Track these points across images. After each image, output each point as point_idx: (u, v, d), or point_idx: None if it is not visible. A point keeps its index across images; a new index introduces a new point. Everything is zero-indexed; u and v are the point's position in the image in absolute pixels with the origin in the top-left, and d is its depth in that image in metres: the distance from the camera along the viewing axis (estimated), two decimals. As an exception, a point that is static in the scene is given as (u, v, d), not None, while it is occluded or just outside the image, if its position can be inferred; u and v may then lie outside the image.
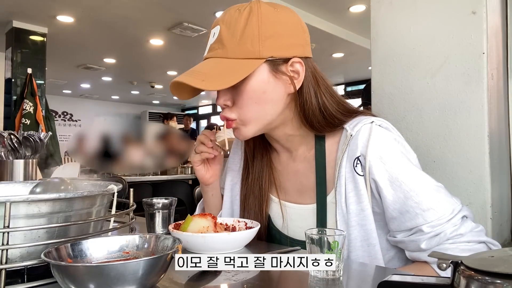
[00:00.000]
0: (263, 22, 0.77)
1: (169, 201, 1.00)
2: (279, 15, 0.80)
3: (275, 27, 0.79)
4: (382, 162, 0.79)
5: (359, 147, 0.80)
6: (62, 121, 10.33)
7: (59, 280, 0.53)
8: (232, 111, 0.82)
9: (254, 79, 0.78)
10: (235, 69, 0.76)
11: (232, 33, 0.78)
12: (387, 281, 0.49)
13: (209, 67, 0.79)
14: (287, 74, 0.80)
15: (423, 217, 0.76)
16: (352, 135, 0.82)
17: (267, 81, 0.79)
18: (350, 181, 0.81)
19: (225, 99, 0.82)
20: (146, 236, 0.67)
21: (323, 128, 0.85)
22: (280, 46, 0.79)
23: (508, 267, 0.40)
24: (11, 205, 0.58)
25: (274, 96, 0.81)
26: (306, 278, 0.66)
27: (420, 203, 0.77)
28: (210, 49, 0.82)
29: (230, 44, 0.78)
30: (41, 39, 5.01)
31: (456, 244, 0.76)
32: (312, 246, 0.65)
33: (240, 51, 0.77)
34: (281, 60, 0.80)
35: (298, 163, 0.93)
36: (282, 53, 0.79)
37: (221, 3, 4.26)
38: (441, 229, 0.76)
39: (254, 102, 0.80)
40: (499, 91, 1.14)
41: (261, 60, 0.77)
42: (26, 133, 1.22)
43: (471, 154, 1.07)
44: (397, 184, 0.78)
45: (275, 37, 0.78)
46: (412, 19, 1.20)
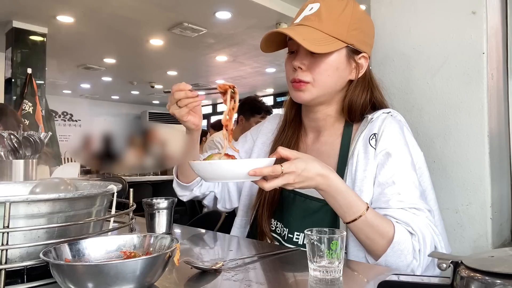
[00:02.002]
0: (355, 16, 0.94)
1: (169, 201, 1.00)
2: (366, 18, 0.99)
3: (362, 24, 0.96)
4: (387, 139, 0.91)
5: (376, 127, 0.94)
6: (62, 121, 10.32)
7: (58, 280, 0.53)
8: (305, 74, 0.94)
9: (335, 55, 0.93)
10: (327, 41, 0.90)
11: (331, 13, 0.93)
12: (387, 281, 0.49)
13: (307, 32, 0.91)
14: (356, 62, 0.97)
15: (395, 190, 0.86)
16: (372, 118, 0.96)
17: (342, 61, 0.95)
18: (362, 152, 0.93)
19: (302, 62, 0.94)
20: (144, 235, 0.67)
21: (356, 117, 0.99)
22: (360, 40, 0.96)
23: (508, 267, 0.40)
24: (11, 205, 0.58)
25: (341, 74, 0.96)
26: (306, 278, 0.66)
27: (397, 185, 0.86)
28: (306, 19, 0.94)
29: (327, 21, 0.92)
30: (41, 39, 5.00)
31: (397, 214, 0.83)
32: (312, 246, 0.65)
33: (333, 29, 0.92)
34: (356, 50, 0.96)
35: (322, 145, 1.03)
36: (360, 46, 0.96)
37: (221, 3, 4.26)
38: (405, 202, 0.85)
39: (327, 73, 0.94)
40: (499, 91, 1.14)
41: (345, 43, 0.93)
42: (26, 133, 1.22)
43: (471, 154, 1.07)
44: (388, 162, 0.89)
45: (359, 30, 0.95)
46: (412, 19, 1.20)
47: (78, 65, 6.91)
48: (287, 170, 0.75)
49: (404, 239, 0.79)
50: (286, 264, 0.79)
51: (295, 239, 0.95)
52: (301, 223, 0.95)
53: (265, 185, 0.76)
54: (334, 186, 0.79)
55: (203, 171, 0.78)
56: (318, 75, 0.93)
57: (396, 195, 0.85)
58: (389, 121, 0.94)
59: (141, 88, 9.17)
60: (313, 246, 0.64)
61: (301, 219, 0.95)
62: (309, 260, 0.66)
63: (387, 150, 0.90)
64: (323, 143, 1.02)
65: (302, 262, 0.70)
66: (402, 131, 0.94)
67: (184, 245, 0.95)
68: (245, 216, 1.11)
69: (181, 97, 0.91)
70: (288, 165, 0.76)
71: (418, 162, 0.94)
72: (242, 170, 0.75)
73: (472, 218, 1.07)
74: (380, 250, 0.80)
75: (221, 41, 5.40)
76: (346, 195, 0.80)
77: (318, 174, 0.78)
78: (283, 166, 0.75)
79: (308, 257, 0.66)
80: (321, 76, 0.93)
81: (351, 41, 0.93)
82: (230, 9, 4.42)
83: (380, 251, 0.80)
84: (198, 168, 0.78)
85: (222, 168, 0.76)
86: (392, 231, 0.80)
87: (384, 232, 0.80)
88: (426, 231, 0.81)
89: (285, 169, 0.75)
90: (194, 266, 0.69)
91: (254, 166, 0.74)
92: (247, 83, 8.37)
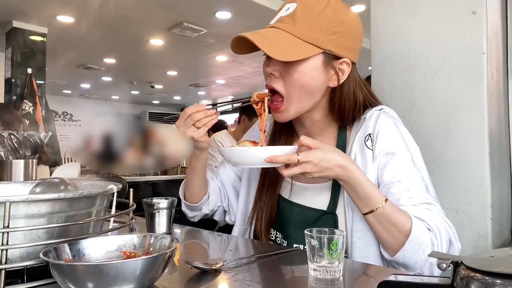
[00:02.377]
0: (335, 18, 0.86)
1: (169, 201, 1.00)
2: (349, 17, 0.90)
3: (343, 27, 0.88)
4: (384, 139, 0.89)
5: (371, 126, 0.91)
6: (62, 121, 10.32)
7: (58, 280, 0.53)
8: (278, 82, 0.89)
9: (308, 63, 0.86)
10: (298, 48, 0.84)
11: (306, 15, 0.86)
12: (387, 281, 0.49)
13: (276, 36, 0.86)
14: (335, 69, 0.89)
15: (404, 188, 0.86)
16: (365, 118, 0.93)
17: (317, 69, 0.88)
18: (359, 155, 0.91)
19: (274, 69, 0.89)
20: (144, 235, 0.67)
21: (349, 120, 0.95)
22: (340, 45, 0.88)
23: (508, 267, 0.40)
24: (11, 205, 0.58)
25: (318, 83, 0.89)
26: (306, 278, 0.66)
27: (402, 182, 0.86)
28: (280, 20, 0.89)
29: (302, 24, 0.85)
30: (41, 39, 5.00)
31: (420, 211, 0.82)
32: (312, 246, 0.65)
33: (307, 34, 0.85)
34: (335, 56, 0.88)
35: None
36: (339, 51, 0.88)
37: (221, 3, 4.26)
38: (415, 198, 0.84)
39: (300, 83, 0.87)
40: (499, 91, 1.14)
41: (320, 49, 0.86)
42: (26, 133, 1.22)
43: (471, 154, 1.07)
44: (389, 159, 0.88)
45: (339, 34, 0.87)
46: (412, 19, 1.20)
47: (78, 65, 6.91)
48: (303, 159, 0.76)
49: (422, 233, 0.78)
50: (286, 264, 0.79)
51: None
52: (300, 234, 0.92)
53: (284, 172, 0.78)
54: (354, 177, 0.79)
55: (228, 157, 0.84)
56: (290, 84, 0.88)
57: (405, 192, 0.84)
58: (382, 119, 0.92)
59: (141, 88, 9.17)
60: (313, 246, 0.64)
61: (299, 230, 0.93)
62: (309, 260, 0.66)
63: (386, 151, 0.88)
64: None
65: (302, 262, 0.70)
66: (397, 127, 0.92)
67: (184, 245, 0.95)
68: (243, 224, 1.09)
69: (201, 117, 0.90)
70: (305, 154, 0.76)
71: (416, 157, 0.92)
72: (260, 156, 0.78)
73: (472, 218, 1.07)
74: (398, 243, 0.79)
75: (221, 41, 5.40)
76: (365, 186, 0.80)
77: (337, 165, 0.78)
78: (299, 155, 0.76)
79: (308, 257, 0.66)
80: (293, 86, 0.88)
81: (328, 46, 0.86)
82: (230, 9, 4.42)
83: (398, 245, 0.79)
84: (224, 154, 0.84)
85: (244, 155, 0.81)
86: (409, 224, 0.79)
87: (402, 224, 0.79)
88: (441, 226, 0.80)
89: (301, 158, 0.76)
90: (194, 266, 0.69)
91: (272, 153, 0.77)
92: (247, 83, 8.37)
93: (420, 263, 0.79)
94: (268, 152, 0.77)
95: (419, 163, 0.92)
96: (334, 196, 0.92)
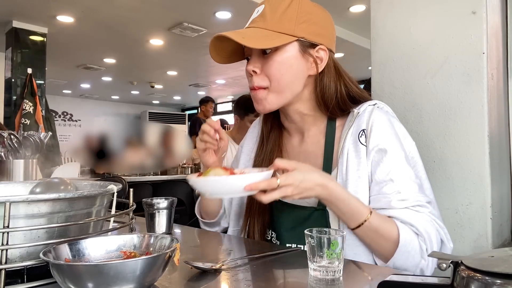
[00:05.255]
0: (302, 9, 0.90)
1: (169, 201, 1.00)
2: (316, 9, 0.94)
3: (311, 16, 0.91)
4: (378, 134, 0.89)
5: (364, 122, 0.91)
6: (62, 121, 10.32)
7: (58, 280, 0.53)
8: (261, 78, 0.92)
9: (285, 51, 0.89)
10: (272, 37, 0.88)
11: (274, 11, 0.90)
12: (387, 281, 0.49)
13: (250, 31, 0.90)
14: (313, 56, 0.92)
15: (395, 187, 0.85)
16: (359, 113, 0.93)
17: (295, 56, 0.90)
18: (352, 151, 0.90)
19: (254, 66, 0.92)
20: (144, 235, 0.67)
21: (336, 111, 0.95)
22: (312, 32, 0.91)
23: (508, 267, 0.40)
24: (11, 205, 0.58)
25: (298, 71, 0.91)
26: (306, 278, 0.66)
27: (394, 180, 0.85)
28: (252, 22, 0.93)
29: (271, 19, 0.89)
30: (41, 39, 5.00)
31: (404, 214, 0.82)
32: (311, 246, 0.65)
33: (278, 25, 0.89)
34: (310, 43, 0.91)
35: (309, 146, 1.00)
36: (312, 38, 0.91)
37: (221, 3, 4.26)
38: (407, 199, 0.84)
39: (281, 73, 0.90)
40: (499, 91, 1.14)
41: (294, 37, 0.89)
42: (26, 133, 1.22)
43: (471, 154, 1.07)
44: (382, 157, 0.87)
45: (309, 23, 0.91)
46: (412, 19, 1.20)
47: (78, 65, 6.91)
48: (284, 183, 0.74)
49: (409, 240, 0.79)
50: (286, 264, 0.79)
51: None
52: (292, 234, 0.93)
53: (262, 198, 0.75)
54: (334, 194, 0.79)
55: (201, 188, 0.78)
56: (272, 76, 0.90)
57: (396, 194, 0.84)
58: (376, 114, 0.91)
59: (141, 88, 9.18)
60: (313, 246, 0.64)
61: (291, 230, 0.94)
62: (309, 260, 0.66)
63: (379, 147, 0.87)
64: (309, 143, 1.00)
65: (302, 262, 0.70)
66: (392, 123, 0.91)
67: (184, 245, 0.95)
68: (237, 225, 1.09)
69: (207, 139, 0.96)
70: (285, 177, 0.75)
71: (411, 152, 0.92)
72: (238, 185, 0.74)
73: (472, 218, 1.07)
74: (387, 253, 0.81)
75: (221, 41, 5.40)
76: (348, 202, 0.80)
77: (317, 184, 0.77)
78: (279, 179, 0.74)
79: (308, 257, 0.66)
80: (275, 77, 0.90)
81: (301, 34, 0.89)
82: (230, 9, 4.42)
83: (388, 254, 0.81)
84: (197, 185, 0.78)
85: (219, 185, 0.76)
86: (396, 233, 0.80)
87: (389, 235, 0.80)
88: (431, 229, 0.81)
89: (281, 182, 0.74)
90: (194, 266, 0.69)
91: (250, 181, 0.73)
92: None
93: (411, 269, 0.80)
94: (245, 181, 0.73)
95: (414, 158, 0.92)
96: None
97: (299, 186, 0.75)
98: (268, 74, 0.90)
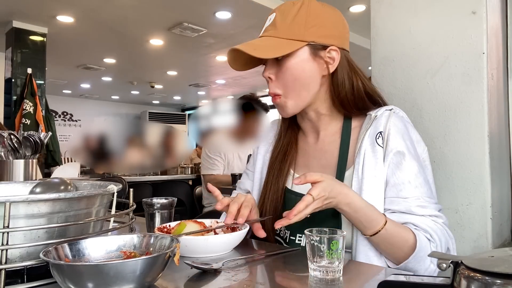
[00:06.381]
0: (310, 14, 0.93)
1: (169, 201, 1.00)
2: (325, 11, 0.95)
3: (320, 19, 0.94)
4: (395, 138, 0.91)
5: (382, 125, 0.93)
6: (62, 121, 10.31)
7: (58, 280, 0.53)
8: (276, 85, 0.95)
9: (296, 57, 0.92)
10: (282, 45, 0.91)
11: (284, 18, 0.93)
12: (387, 281, 0.49)
13: (262, 41, 0.93)
14: (324, 58, 0.94)
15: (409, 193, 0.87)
16: (376, 116, 0.95)
17: (306, 60, 0.93)
18: (369, 151, 0.91)
19: (269, 72, 0.95)
20: (144, 235, 0.67)
21: (352, 109, 0.98)
22: (321, 35, 0.93)
23: (508, 267, 0.40)
24: (11, 205, 0.58)
25: (311, 74, 0.94)
26: (306, 278, 0.66)
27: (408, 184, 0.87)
28: (265, 31, 0.96)
29: (281, 26, 0.92)
30: (41, 39, 5.00)
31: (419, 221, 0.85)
32: (312, 246, 0.65)
33: (288, 33, 0.92)
34: (321, 46, 0.93)
35: (325, 144, 1.02)
36: (322, 40, 0.93)
37: (221, 3, 4.26)
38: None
39: (294, 78, 0.93)
40: (499, 91, 1.14)
41: (304, 42, 0.91)
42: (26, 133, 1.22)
43: (471, 154, 1.07)
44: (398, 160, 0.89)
45: (318, 26, 0.93)
46: (412, 19, 1.20)
47: (78, 65, 6.91)
48: (318, 197, 0.76)
49: (424, 246, 0.81)
50: (286, 264, 0.79)
51: (298, 241, 0.95)
52: (303, 225, 0.93)
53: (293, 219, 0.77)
54: (353, 203, 0.80)
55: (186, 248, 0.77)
56: (286, 82, 0.93)
57: (416, 200, 0.86)
58: (394, 118, 0.94)
59: (141, 88, 9.17)
60: (313, 246, 0.64)
61: (302, 221, 0.94)
62: (309, 260, 0.66)
63: (398, 149, 0.89)
64: (324, 142, 1.02)
65: (302, 262, 0.70)
66: (407, 129, 0.94)
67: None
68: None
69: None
70: (317, 191, 0.76)
71: (423, 157, 0.95)
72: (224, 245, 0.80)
73: (472, 218, 1.07)
74: (402, 257, 0.82)
75: (221, 41, 5.40)
76: (366, 210, 0.81)
77: (339, 192, 0.79)
78: (313, 195, 0.75)
79: (308, 257, 0.66)
80: (289, 83, 0.93)
81: (311, 38, 0.92)
82: (230, 9, 4.42)
83: (402, 259, 0.82)
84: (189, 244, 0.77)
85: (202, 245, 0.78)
86: (412, 240, 0.81)
87: (405, 241, 0.82)
88: (443, 238, 0.84)
89: (316, 196, 0.75)
90: (194, 266, 0.69)
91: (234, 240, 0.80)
92: (247, 83, 8.37)
93: (421, 272, 0.82)
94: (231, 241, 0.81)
95: (425, 163, 0.95)
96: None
97: (328, 197, 0.77)
98: (282, 79, 0.94)
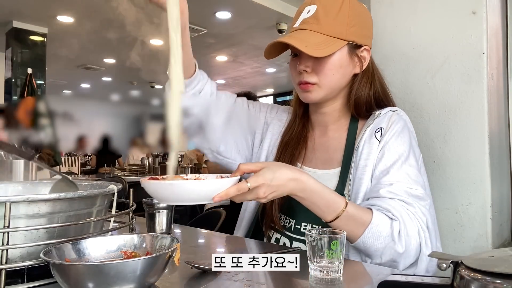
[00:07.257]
0: (352, 12, 0.95)
1: (169, 201, 1.00)
2: (363, 11, 1.00)
3: (360, 19, 0.98)
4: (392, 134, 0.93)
5: (383, 122, 0.96)
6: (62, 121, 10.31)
7: (58, 280, 0.53)
8: (311, 76, 0.96)
9: (337, 53, 0.95)
10: (328, 43, 0.93)
11: (327, 13, 0.94)
12: (387, 281, 0.49)
13: (307, 36, 0.93)
14: (358, 56, 0.98)
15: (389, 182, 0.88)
16: (380, 114, 0.98)
17: (344, 58, 0.96)
18: (367, 142, 0.95)
19: (306, 65, 0.96)
20: (144, 235, 0.67)
21: (362, 108, 1.00)
22: (360, 34, 0.97)
23: (508, 267, 0.40)
24: (11, 205, 0.58)
25: (345, 71, 0.98)
26: (306, 278, 0.66)
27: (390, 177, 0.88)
28: (304, 22, 0.96)
29: (325, 22, 0.94)
30: (41, 39, 5.00)
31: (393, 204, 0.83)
32: (312, 246, 0.65)
33: (332, 30, 0.94)
34: (357, 45, 0.97)
35: (330, 139, 1.05)
36: (360, 40, 0.97)
37: (221, 3, 4.26)
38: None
39: (332, 72, 0.96)
40: (499, 91, 1.14)
41: (346, 41, 0.94)
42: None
43: (471, 154, 1.07)
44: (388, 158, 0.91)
45: (358, 26, 0.97)
46: (412, 19, 1.20)
47: (78, 65, 6.91)
48: (254, 184, 0.72)
49: (381, 222, 0.80)
50: (286, 264, 0.78)
51: (303, 229, 0.95)
52: (307, 213, 0.90)
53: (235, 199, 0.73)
54: (308, 187, 0.77)
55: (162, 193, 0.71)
56: (323, 76, 0.96)
57: (388, 186, 0.86)
58: (395, 118, 0.96)
59: (141, 88, 9.17)
60: (313, 246, 0.64)
61: (307, 210, 0.90)
62: (309, 260, 0.66)
63: (388, 144, 0.92)
64: (330, 137, 1.04)
65: (302, 262, 0.70)
66: (407, 130, 0.96)
67: (184, 245, 0.95)
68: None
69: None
70: (255, 178, 0.73)
71: (418, 161, 0.95)
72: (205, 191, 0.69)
73: (472, 218, 1.07)
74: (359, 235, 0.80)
75: (221, 41, 5.40)
76: (323, 194, 0.79)
77: (289, 179, 0.75)
78: (249, 182, 0.72)
79: (308, 257, 0.66)
80: (326, 77, 0.96)
81: (352, 37, 0.95)
82: (230, 9, 4.42)
83: (356, 237, 0.80)
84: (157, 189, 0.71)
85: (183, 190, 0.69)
86: (370, 217, 0.80)
87: (364, 221, 0.80)
88: (408, 219, 0.81)
89: (252, 183, 0.72)
90: (194, 266, 0.69)
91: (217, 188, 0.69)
92: (247, 83, 8.37)
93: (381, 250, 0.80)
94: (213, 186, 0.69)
95: (421, 169, 0.95)
96: (343, 179, 0.95)
97: (271, 185, 0.73)
98: (318, 73, 0.95)
